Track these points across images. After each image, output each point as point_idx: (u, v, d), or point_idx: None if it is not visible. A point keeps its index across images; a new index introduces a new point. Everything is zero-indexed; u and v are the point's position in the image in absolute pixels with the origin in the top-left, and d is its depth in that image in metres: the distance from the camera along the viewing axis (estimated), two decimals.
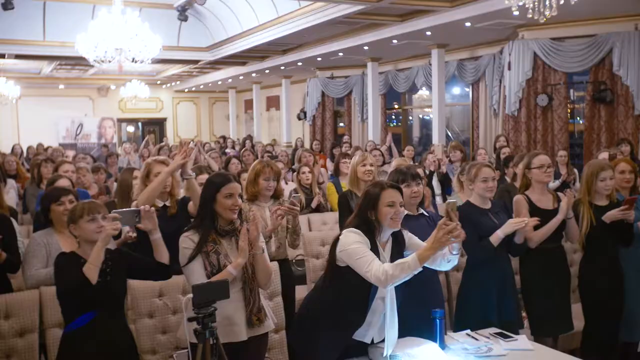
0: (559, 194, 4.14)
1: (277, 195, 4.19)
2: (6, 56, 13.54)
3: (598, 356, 3.89)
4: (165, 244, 3.14)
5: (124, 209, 2.98)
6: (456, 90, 14.64)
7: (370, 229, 2.86)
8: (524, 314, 4.08)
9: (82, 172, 5.94)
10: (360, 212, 2.91)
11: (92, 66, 12.99)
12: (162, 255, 3.08)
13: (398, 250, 2.98)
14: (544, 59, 10.11)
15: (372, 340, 2.92)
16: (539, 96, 10.23)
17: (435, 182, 7.15)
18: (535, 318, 3.99)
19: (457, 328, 3.61)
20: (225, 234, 3.00)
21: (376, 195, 2.87)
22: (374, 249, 2.82)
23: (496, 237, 3.66)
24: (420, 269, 2.69)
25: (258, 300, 3.02)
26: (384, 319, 2.86)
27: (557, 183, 4.00)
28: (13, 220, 4.09)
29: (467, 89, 13.25)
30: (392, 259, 2.88)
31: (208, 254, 2.93)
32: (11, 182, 7.16)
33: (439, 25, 9.73)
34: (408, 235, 3.06)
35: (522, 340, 3.08)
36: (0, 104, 18.18)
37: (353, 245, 2.78)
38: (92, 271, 2.79)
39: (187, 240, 2.95)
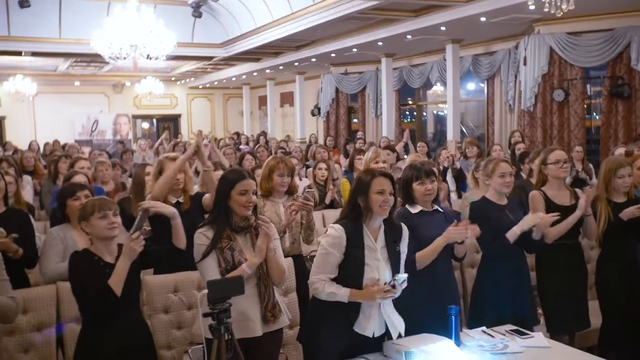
0: (577, 190, 4.10)
1: (291, 191, 4.19)
2: (23, 53, 13.66)
3: (615, 355, 3.84)
4: None
5: (136, 220, 3.00)
6: (471, 85, 14.55)
7: (358, 216, 2.97)
8: (540, 311, 4.05)
9: (105, 166, 6.01)
10: (352, 199, 3.02)
11: (107, 63, 13.08)
12: (180, 240, 3.10)
13: (393, 238, 3.03)
14: (560, 54, 10.01)
15: (374, 335, 2.94)
16: (555, 91, 10.13)
17: (449, 178, 7.10)
18: (552, 315, 3.95)
19: (470, 324, 3.58)
20: (240, 230, 3.00)
21: (367, 182, 2.96)
22: (359, 237, 2.93)
23: (513, 233, 3.63)
24: None
25: (273, 296, 3.01)
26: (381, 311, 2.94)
27: (569, 179, 3.98)
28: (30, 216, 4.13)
29: (482, 85, 13.16)
30: (388, 247, 2.98)
31: (222, 250, 2.93)
32: (27, 178, 7.23)
33: (454, 20, 9.67)
34: (406, 232, 3.12)
35: (539, 338, 3.05)
36: (17, 101, 18.40)
37: (327, 248, 2.93)
38: (117, 285, 2.81)
39: (202, 237, 2.95)
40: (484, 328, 3.15)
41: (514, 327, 3.19)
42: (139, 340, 3.01)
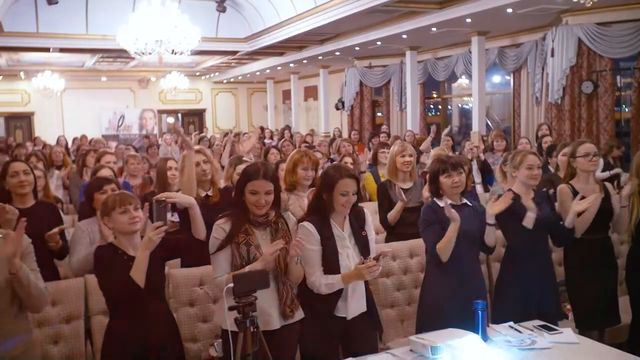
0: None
1: (315, 185, 4.18)
2: (51, 50, 13.87)
3: None
4: (208, 234, 3.17)
5: (154, 213, 2.98)
6: (496, 78, 14.37)
7: (324, 209, 3.10)
8: (568, 307, 3.98)
9: (137, 159, 6.10)
10: (318, 192, 3.16)
11: (133, 58, 13.20)
12: (199, 231, 3.04)
13: (358, 224, 3.17)
14: (588, 45, 9.82)
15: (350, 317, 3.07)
16: (584, 83, 9.95)
17: (474, 170, 7.00)
18: (581, 311, 3.89)
19: (494, 319, 3.54)
20: (259, 225, 2.98)
21: (333, 182, 3.06)
22: (327, 228, 3.07)
23: (528, 218, 3.57)
24: None
25: (291, 292, 3.01)
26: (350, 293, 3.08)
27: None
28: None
29: (507, 77, 12.99)
30: (355, 234, 3.14)
31: (238, 245, 2.92)
32: (56, 172, 7.34)
33: (480, 12, 9.54)
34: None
35: (568, 333, 3.00)
36: (45, 96, 18.69)
37: (306, 246, 2.98)
38: (139, 277, 2.82)
39: (219, 229, 2.94)
40: (511, 323, 3.11)
41: (542, 323, 3.13)
42: (165, 331, 3.03)
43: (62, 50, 14.06)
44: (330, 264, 3.06)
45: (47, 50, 13.96)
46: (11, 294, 2.63)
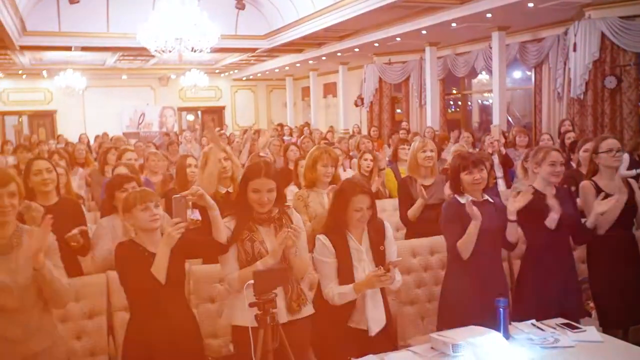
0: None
1: (335, 182, 4.18)
2: (72, 48, 14.02)
3: None
4: None
5: (175, 205, 2.96)
6: (517, 73, 14.21)
7: (340, 224, 3.11)
8: (591, 305, 3.93)
9: (158, 157, 6.17)
10: (333, 208, 3.19)
11: (153, 56, 13.29)
12: (219, 234, 2.98)
13: (376, 239, 3.16)
14: (612, 39, 9.67)
15: (373, 331, 3.07)
16: (607, 78, 9.80)
17: (495, 164, 6.92)
18: (604, 309, 3.83)
19: (515, 317, 3.50)
20: (263, 222, 3.00)
21: (347, 198, 3.08)
22: (343, 241, 3.08)
23: (551, 219, 3.51)
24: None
25: (297, 287, 3.02)
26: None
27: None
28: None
29: (528, 73, 12.85)
30: (373, 249, 3.13)
31: (242, 241, 2.95)
32: (79, 170, 7.44)
33: (500, 7, 9.43)
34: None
35: (591, 332, 2.96)
36: (67, 94, 18.90)
37: (321, 258, 3.09)
38: (161, 273, 2.84)
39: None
40: (533, 321, 3.07)
41: (565, 321, 3.09)
42: (185, 328, 3.04)
43: (83, 48, 14.19)
44: (345, 276, 3.07)
45: (68, 49, 14.11)
46: (37, 290, 2.66)
